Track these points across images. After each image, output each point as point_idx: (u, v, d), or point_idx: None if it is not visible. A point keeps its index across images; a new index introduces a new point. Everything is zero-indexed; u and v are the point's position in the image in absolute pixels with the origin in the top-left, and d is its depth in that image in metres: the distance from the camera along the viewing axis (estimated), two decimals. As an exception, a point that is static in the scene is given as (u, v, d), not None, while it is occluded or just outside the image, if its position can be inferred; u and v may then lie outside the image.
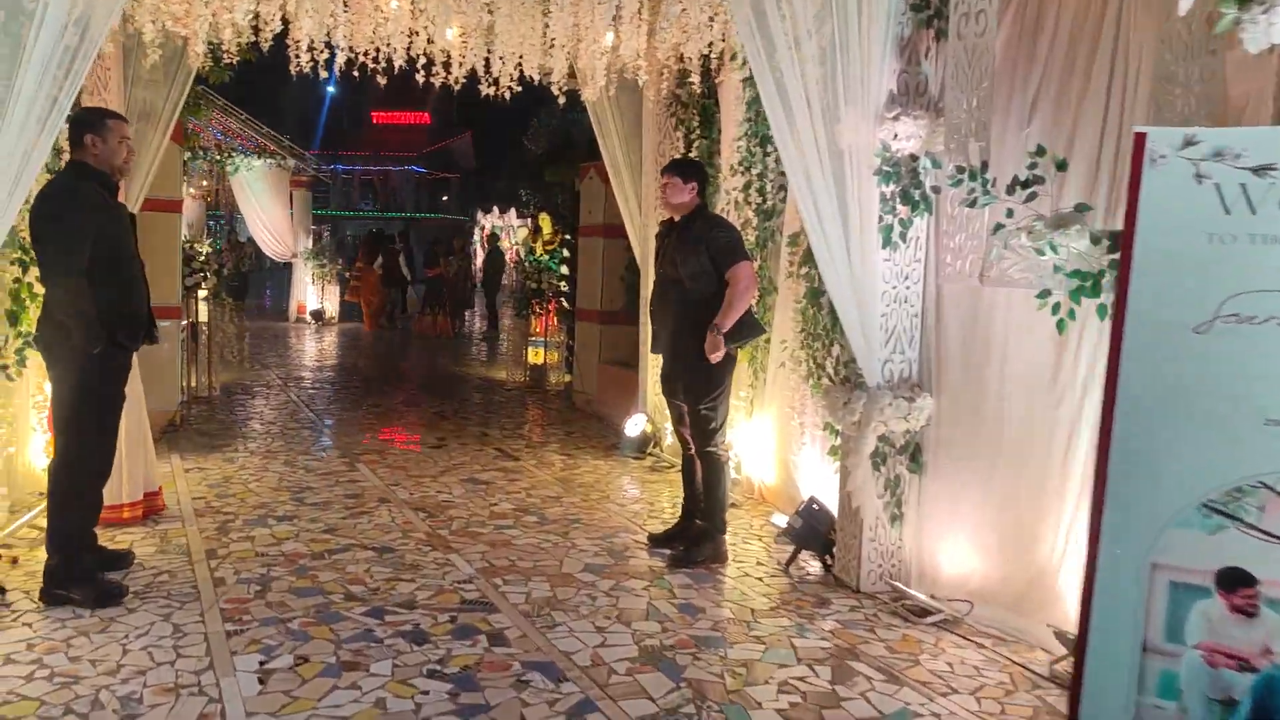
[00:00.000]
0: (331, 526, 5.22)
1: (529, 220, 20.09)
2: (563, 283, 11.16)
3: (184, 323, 8.79)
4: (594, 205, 9.67)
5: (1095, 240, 3.47)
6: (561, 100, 7.43)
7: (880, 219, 4.33)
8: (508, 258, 35.90)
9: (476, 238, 37.52)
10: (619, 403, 8.80)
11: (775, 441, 5.84)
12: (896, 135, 4.24)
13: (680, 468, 5.20)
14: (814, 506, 4.82)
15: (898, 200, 4.34)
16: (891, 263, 4.40)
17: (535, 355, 11.68)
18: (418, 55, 6.45)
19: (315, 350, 14.36)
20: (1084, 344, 3.65)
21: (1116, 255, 3.40)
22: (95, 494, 4.25)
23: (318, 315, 18.50)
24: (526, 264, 12.60)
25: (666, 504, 6.00)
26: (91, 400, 4.06)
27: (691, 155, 6.85)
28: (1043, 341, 3.80)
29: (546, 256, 11.39)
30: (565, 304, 11.12)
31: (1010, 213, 3.82)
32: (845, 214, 4.28)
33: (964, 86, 4.11)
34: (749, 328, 4.84)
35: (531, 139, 30.09)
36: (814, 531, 4.76)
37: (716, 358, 4.68)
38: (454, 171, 51.52)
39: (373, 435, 7.90)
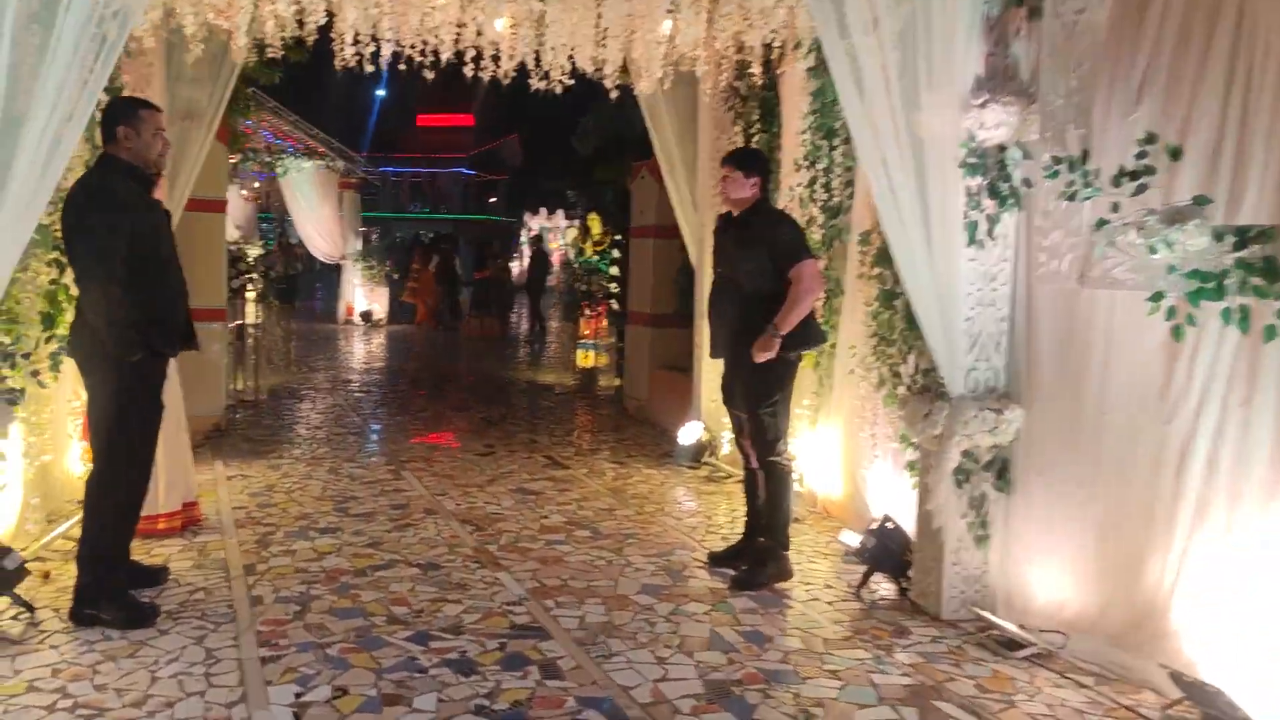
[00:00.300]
0: (375, 540, 4.98)
1: (577, 221, 19.89)
2: (612, 284, 10.90)
3: (229, 325, 8.65)
4: (646, 205, 9.38)
5: (1218, 236, 3.11)
6: (614, 95, 7.15)
7: (965, 215, 3.99)
8: (554, 259, 35.97)
9: (524, 239, 37.50)
10: (672, 409, 8.50)
11: (842, 453, 5.50)
12: (983, 124, 3.90)
13: (742, 481, 4.88)
14: (888, 525, 4.48)
15: (984, 194, 3.99)
16: (977, 262, 4.04)
17: (584, 358, 11.43)
18: (466, 48, 6.17)
19: (363, 352, 14.24)
20: (1201, 352, 3.27)
21: (1243, 253, 3.04)
22: (131, 509, 4.03)
23: (366, 317, 18.43)
24: (575, 265, 12.36)
25: (724, 518, 5.68)
26: (128, 410, 3.84)
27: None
28: (1152, 349, 3.43)
29: (596, 258, 11.13)
30: (615, 306, 10.85)
31: (1116, 207, 3.47)
32: (926, 210, 3.95)
33: (1061, 69, 3.76)
34: (810, 334, 4.52)
35: (579, 140, 30.02)
36: (888, 552, 4.42)
37: (763, 357, 4.37)
38: (502, 173, 51.58)
39: (419, 441, 7.67)
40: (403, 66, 6.11)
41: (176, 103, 6.74)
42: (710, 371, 7.21)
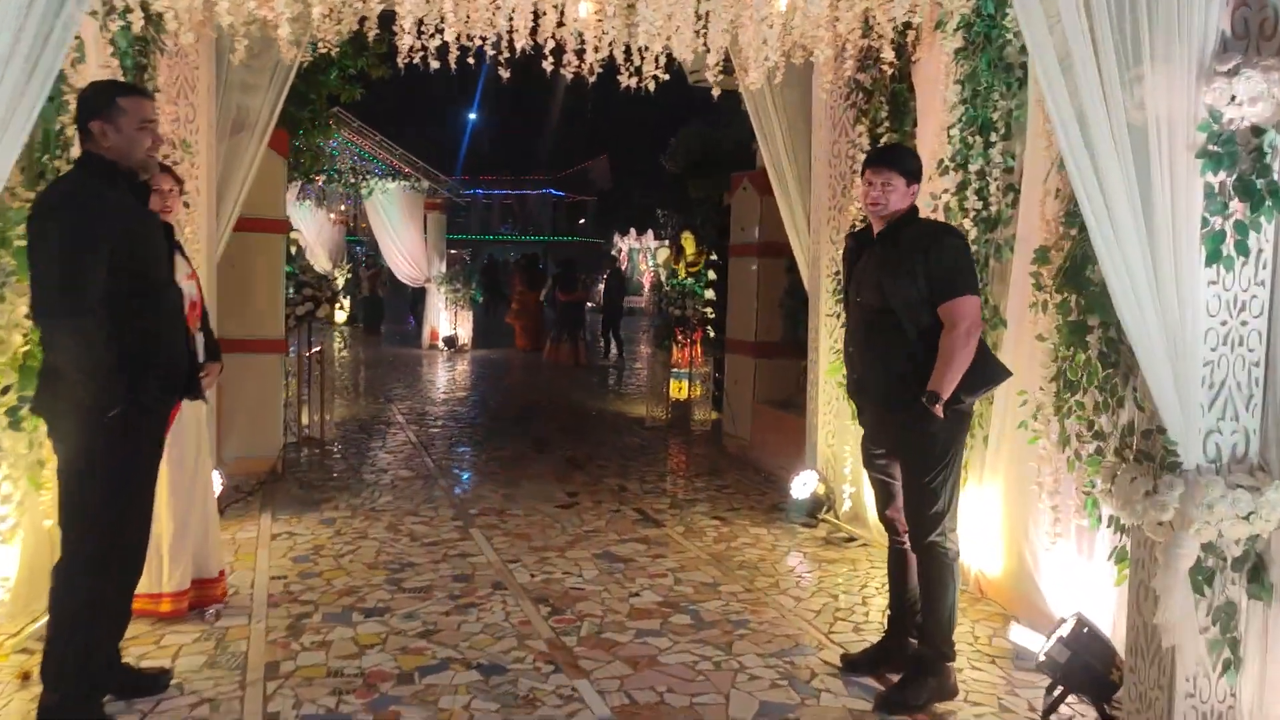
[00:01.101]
0: (429, 628, 4.09)
1: (668, 240, 19.00)
2: (709, 309, 9.94)
3: (290, 356, 7.94)
4: (747, 220, 8.41)
5: None
6: (716, 92, 6.20)
7: (1204, 222, 2.93)
8: (644, 279, 35.14)
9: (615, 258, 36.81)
10: (779, 451, 7.49)
11: (1004, 521, 4.43)
12: (1234, 98, 2.84)
13: (870, 548, 3.86)
14: (1083, 631, 3.41)
15: (1232, 195, 2.93)
16: (1221, 286, 2.97)
17: (677, 389, 10.47)
18: (545, 39, 5.29)
19: (444, 381, 13.52)
20: None
21: None
22: (116, 605, 3.21)
23: (450, 342, 17.80)
24: (667, 287, 11.43)
25: (853, 598, 4.66)
26: (107, 481, 3.01)
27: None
28: None
29: (690, 279, 10.19)
30: (712, 333, 9.89)
31: None
32: (1149, 217, 2.90)
33: (1360, 15, 2.69)
34: (989, 372, 3.50)
35: (670, 158, 28.90)
36: (1086, 669, 3.36)
37: (938, 411, 3.37)
38: (590, 194, 51.16)
39: (493, 487, 6.80)
40: (471, 60, 5.23)
41: (225, 110, 6.06)
42: (826, 411, 6.20)
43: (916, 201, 5.28)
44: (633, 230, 36.45)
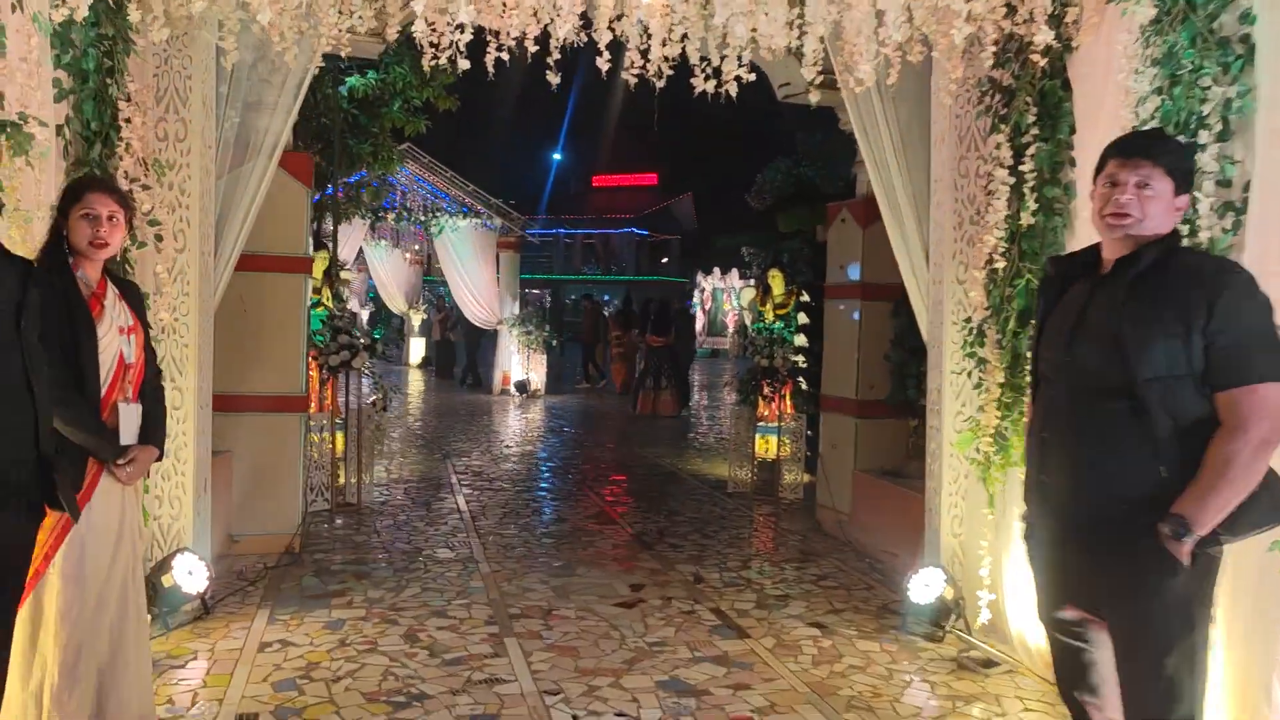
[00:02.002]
0: (423, 813, 2.97)
1: (754, 280, 17.82)
2: (800, 357, 8.74)
3: (311, 413, 6.99)
4: (847, 257, 7.22)
5: None
6: (814, 98, 5.06)
7: None
8: (728, 320, 33.99)
9: (696, 300, 35.75)
10: (886, 531, 6.25)
11: (1230, 675, 3.14)
12: None
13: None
14: None
15: None
16: None
17: (764, 446, 9.26)
18: (599, 32, 4.23)
19: (509, 433, 12.50)
20: None
21: None
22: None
23: (522, 387, 16.84)
24: (752, 331, 10.26)
25: (1010, 767, 3.40)
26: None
27: (1024, 167, 4.32)
28: None
29: (780, 323, 9.00)
30: (804, 384, 8.67)
31: None
32: None
33: None
34: (1273, 502, 2.24)
35: (756, 195, 27.59)
36: None
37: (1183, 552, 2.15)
38: (674, 233, 50.31)
39: (543, 575, 5.69)
40: (505, 57, 4.18)
41: (227, 129, 5.15)
42: (953, 492, 4.96)
43: (1078, 223, 4.08)
44: (717, 269, 35.44)
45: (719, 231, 29.97)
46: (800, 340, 9.01)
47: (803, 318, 9.36)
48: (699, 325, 34.86)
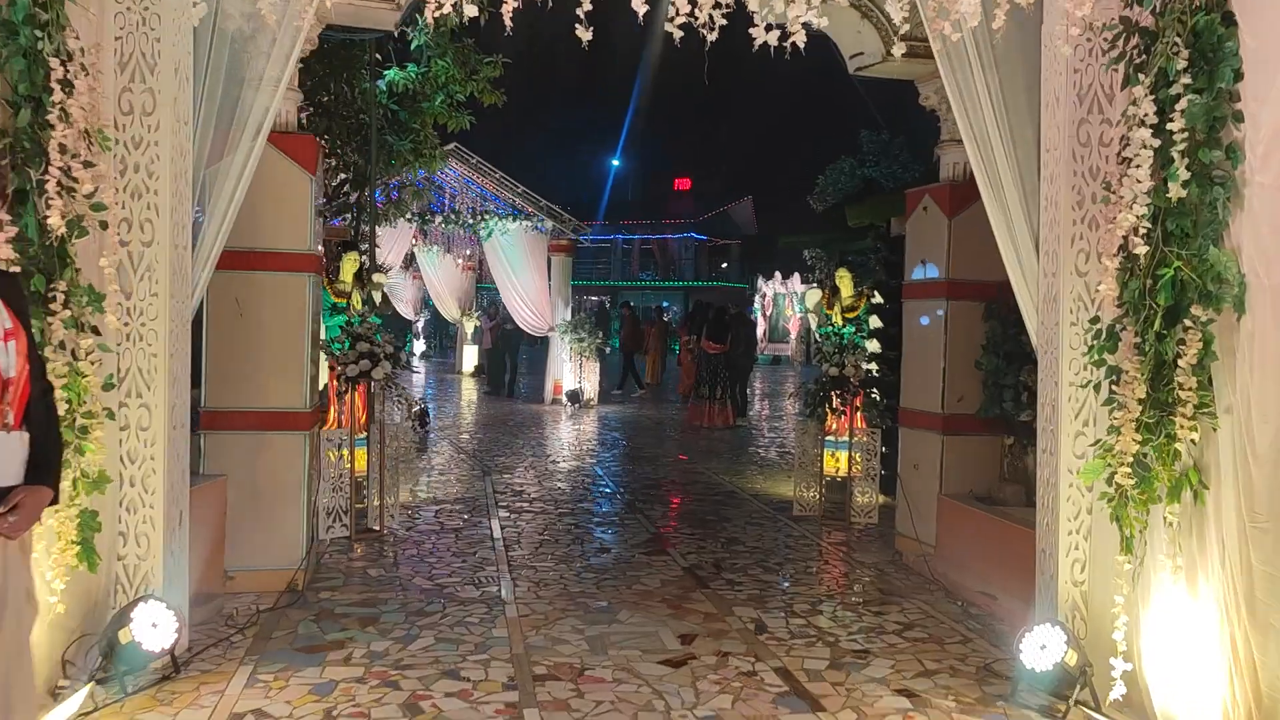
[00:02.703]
0: None
1: (819, 282, 16.86)
2: (873, 365, 7.84)
3: (329, 429, 6.28)
4: (929, 250, 6.31)
5: None
6: (897, 51, 4.19)
7: None
8: (790, 326, 32.92)
9: (758, 305, 34.73)
10: (981, 567, 5.35)
11: None
12: None
13: None
14: None
15: None
16: None
17: (832, 463, 8.37)
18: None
19: (557, 446, 11.72)
20: None
21: None
22: None
23: (574, 397, 16.06)
24: (818, 336, 9.37)
25: None
26: None
27: (1172, 126, 3.41)
28: None
29: (850, 328, 8.11)
30: (876, 394, 7.77)
31: None
32: None
33: None
34: None
35: (818, 198, 26.63)
36: None
37: None
38: (734, 237, 49.32)
39: (578, 622, 4.88)
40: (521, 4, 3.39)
41: (209, 104, 4.43)
42: (1073, 530, 4.08)
43: (1253, 198, 3.19)
44: (778, 274, 34.37)
45: (784, 226, 28.97)
46: (873, 346, 8.12)
47: (875, 321, 8.46)
48: (759, 331, 33.88)
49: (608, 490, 8.78)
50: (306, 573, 5.31)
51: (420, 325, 29.19)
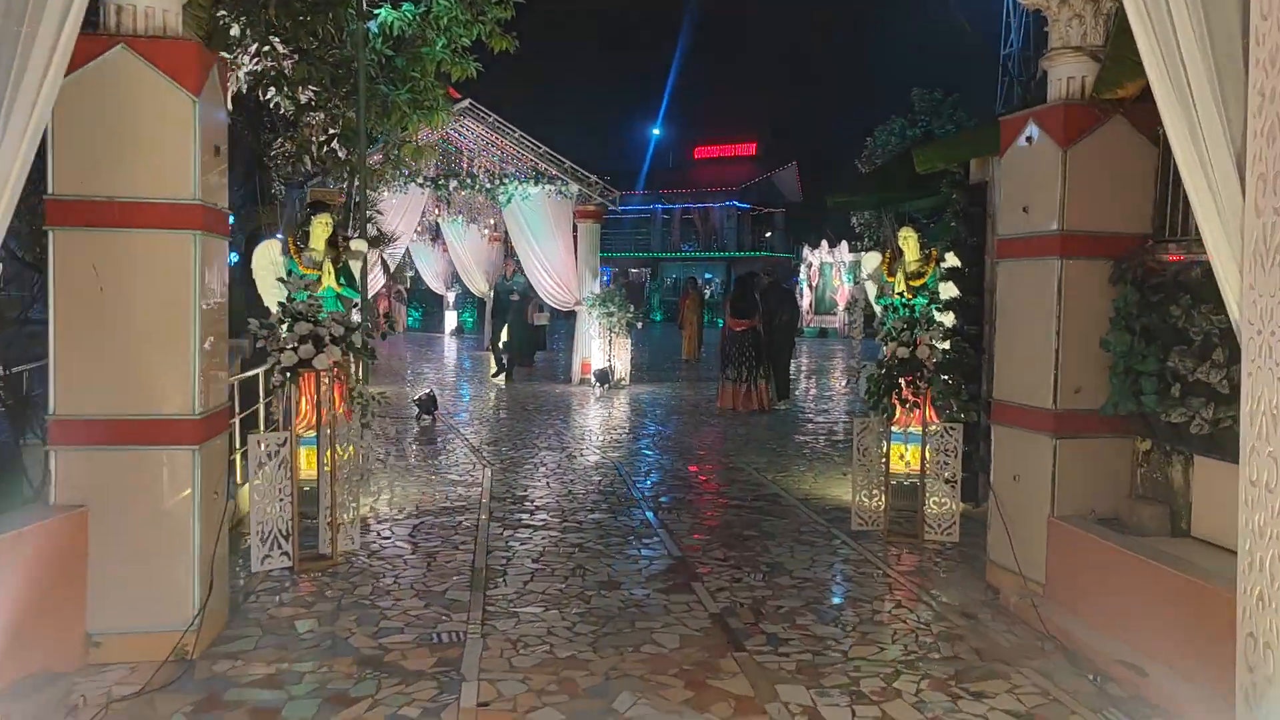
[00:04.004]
0: None
1: (881, 245, 15.20)
2: (946, 344, 6.33)
3: (261, 434, 4.94)
4: (1035, 194, 4.77)
5: None
6: None
7: None
8: (838, 297, 31.21)
9: (803, 276, 33.04)
10: (1120, 626, 3.88)
11: None
12: None
13: None
14: None
15: None
16: None
17: (899, 463, 6.92)
18: None
19: (576, 435, 10.31)
20: None
21: None
22: None
23: (603, 377, 14.64)
24: (878, 309, 7.88)
25: None
26: None
27: None
28: None
29: (921, 298, 6.61)
30: (957, 385, 6.26)
31: None
32: None
33: None
34: None
35: (866, 160, 24.66)
36: None
37: None
38: (778, 206, 47.46)
39: (556, 713, 3.49)
40: None
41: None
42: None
43: None
44: (824, 243, 32.63)
45: (834, 185, 27.18)
46: (946, 319, 6.63)
47: (949, 289, 6.95)
48: (805, 303, 32.22)
49: (627, 494, 7.36)
50: (200, 633, 3.95)
51: (452, 299, 27.86)
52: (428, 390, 11.38)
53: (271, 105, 10.22)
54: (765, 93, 53.10)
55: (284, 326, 5.10)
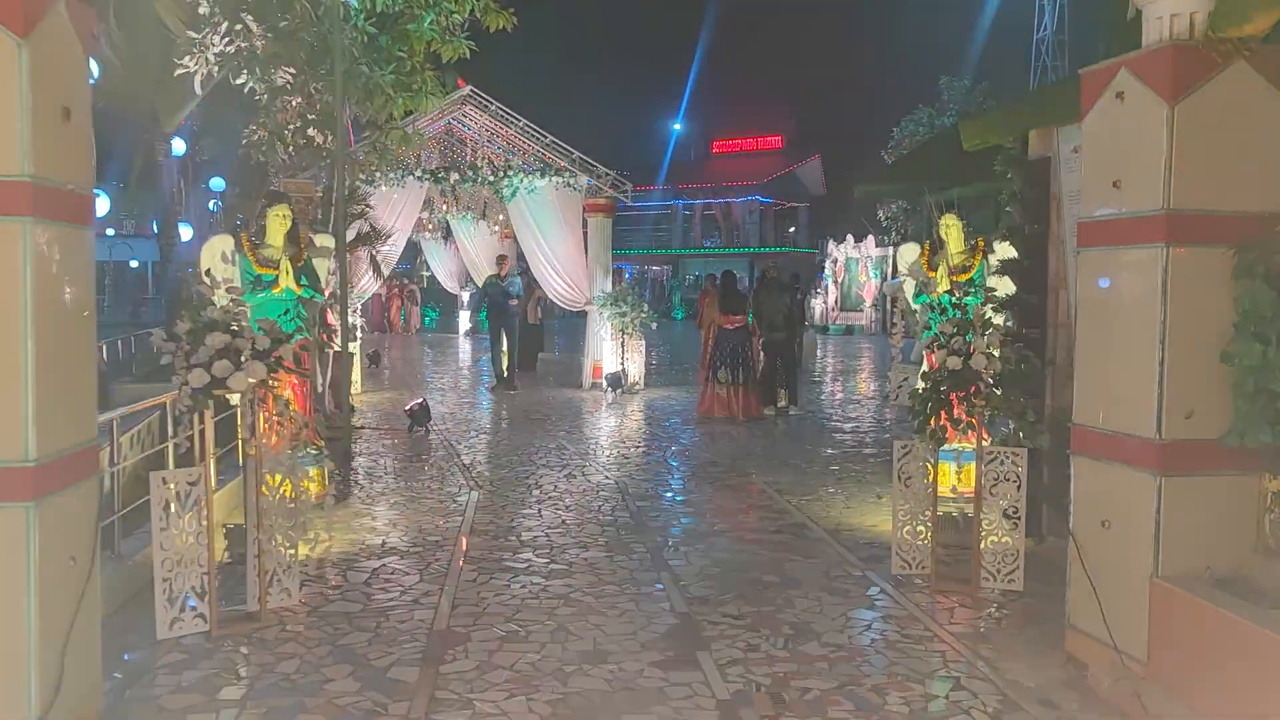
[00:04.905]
0: None
1: (897, 244, 14.10)
2: (1003, 355, 5.26)
3: (170, 472, 4.00)
4: (1130, 164, 3.74)
5: None
6: None
7: None
8: (864, 293, 30.06)
9: (828, 271, 31.90)
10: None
11: None
12: None
13: None
14: None
15: None
16: None
17: (948, 480, 5.92)
18: None
19: (580, 450, 9.34)
20: None
21: None
22: None
23: (615, 381, 13.66)
24: (915, 308, 6.86)
25: None
26: None
27: None
28: None
29: (975, 297, 5.61)
30: (1021, 404, 5.24)
31: None
32: None
33: None
34: None
35: (893, 151, 23.43)
36: None
37: None
38: (801, 200, 46.26)
39: None
40: None
41: None
42: None
43: None
44: (850, 237, 31.50)
45: (861, 175, 26.05)
46: (999, 320, 5.62)
47: (1005, 284, 5.94)
48: (830, 299, 31.12)
49: (629, 523, 6.38)
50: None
51: (466, 298, 26.95)
52: (420, 400, 10.45)
53: (246, 91, 9.34)
54: (788, 85, 51.88)
55: (190, 337, 4.15)
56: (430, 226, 23.11)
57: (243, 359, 4.15)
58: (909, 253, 7.17)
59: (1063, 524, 5.31)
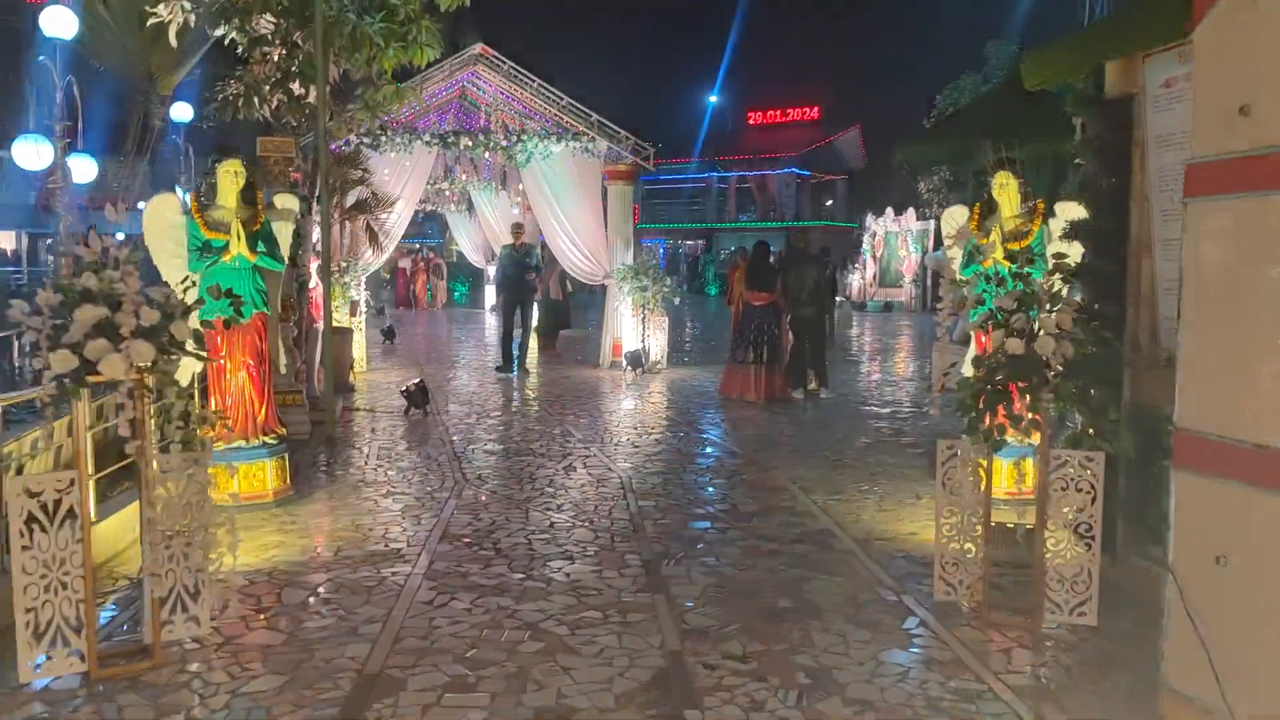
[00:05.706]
0: None
1: (942, 208, 13.08)
2: (1068, 340, 4.29)
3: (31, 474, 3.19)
4: (1260, 87, 2.80)
5: None
6: None
7: None
8: (904, 269, 28.89)
9: (867, 246, 30.73)
10: None
11: None
12: None
13: None
14: None
15: None
16: None
17: (1007, 481, 5.01)
18: None
19: (588, 437, 8.47)
20: None
21: None
22: None
23: (635, 360, 12.79)
24: (961, 280, 5.89)
25: None
26: None
27: None
28: None
29: (1040, 266, 4.67)
30: (1100, 399, 4.29)
31: None
32: None
33: None
34: None
35: (936, 122, 22.08)
36: None
37: None
38: (839, 172, 44.91)
39: None
40: None
41: None
42: None
43: None
44: (889, 210, 30.31)
45: (892, 167, 24.84)
46: (1068, 295, 4.65)
47: (1074, 250, 4.99)
48: (869, 274, 29.98)
49: (626, 528, 5.53)
50: None
51: (492, 272, 26.15)
52: (418, 380, 9.65)
53: (226, 43, 8.53)
54: (826, 54, 50.31)
55: (57, 312, 3.32)
56: (454, 199, 22.30)
57: (122, 338, 3.32)
58: (956, 216, 6.22)
59: (1142, 541, 4.40)
